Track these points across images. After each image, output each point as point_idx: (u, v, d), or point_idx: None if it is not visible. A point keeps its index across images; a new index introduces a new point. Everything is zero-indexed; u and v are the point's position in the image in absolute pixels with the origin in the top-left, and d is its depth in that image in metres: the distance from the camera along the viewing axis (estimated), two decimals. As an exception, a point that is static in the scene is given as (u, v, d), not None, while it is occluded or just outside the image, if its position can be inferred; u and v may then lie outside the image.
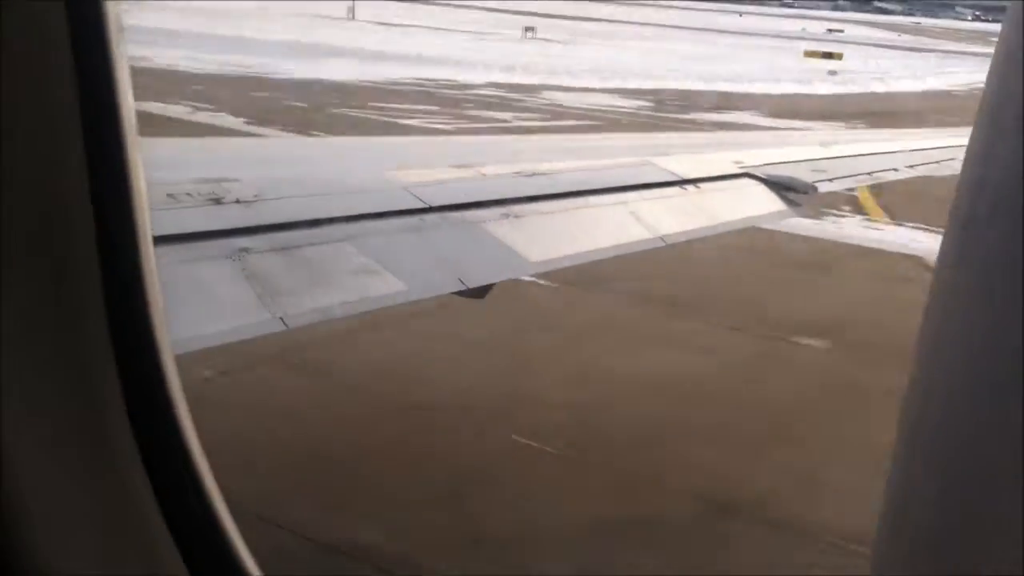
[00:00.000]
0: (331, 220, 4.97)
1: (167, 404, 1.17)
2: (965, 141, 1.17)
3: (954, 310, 1.17)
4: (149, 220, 1.15)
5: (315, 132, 23.13)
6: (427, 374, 10.13)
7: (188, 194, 4.72)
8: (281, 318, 4.02)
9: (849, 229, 17.01)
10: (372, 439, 8.65)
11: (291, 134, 23.38)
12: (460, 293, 5.01)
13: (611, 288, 12.58)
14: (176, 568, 1.18)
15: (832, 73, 56.75)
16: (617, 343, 11.46)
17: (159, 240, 4.13)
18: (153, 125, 20.24)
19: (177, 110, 26.28)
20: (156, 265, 1.17)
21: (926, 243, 15.81)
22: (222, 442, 6.65)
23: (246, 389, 9.37)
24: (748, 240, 13.09)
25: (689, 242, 7.01)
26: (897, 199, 18.07)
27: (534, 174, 6.64)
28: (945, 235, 1.21)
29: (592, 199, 6.60)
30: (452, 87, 37.88)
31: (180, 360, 1.21)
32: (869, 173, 8.88)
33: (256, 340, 3.99)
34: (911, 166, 9.22)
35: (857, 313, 13.03)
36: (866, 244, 16.37)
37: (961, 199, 1.18)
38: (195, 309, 3.77)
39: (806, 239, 15.38)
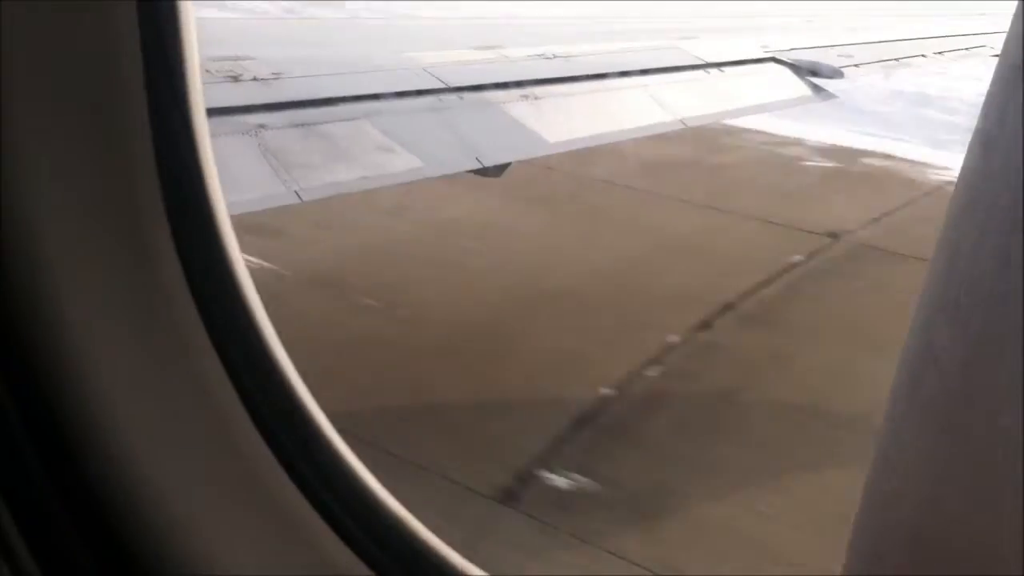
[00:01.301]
0: (349, 98, 4.97)
1: (228, 275, 1.18)
2: (996, 28, 1.17)
3: (977, 217, 1.19)
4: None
5: None
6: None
7: (207, 71, 4.73)
8: (296, 192, 4.07)
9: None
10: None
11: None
12: (477, 172, 5.03)
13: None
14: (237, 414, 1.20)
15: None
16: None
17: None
18: None
19: None
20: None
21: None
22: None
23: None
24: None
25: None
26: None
27: (556, 56, 6.58)
28: (971, 141, 1.22)
29: (614, 82, 6.55)
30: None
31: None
32: (897, 59, 8.74)
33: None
34: (940, 52, 9.06)
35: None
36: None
37: (990, 101, 1.19)
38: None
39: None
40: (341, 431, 1.28)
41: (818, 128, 14.50)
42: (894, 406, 1.40)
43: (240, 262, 1.19)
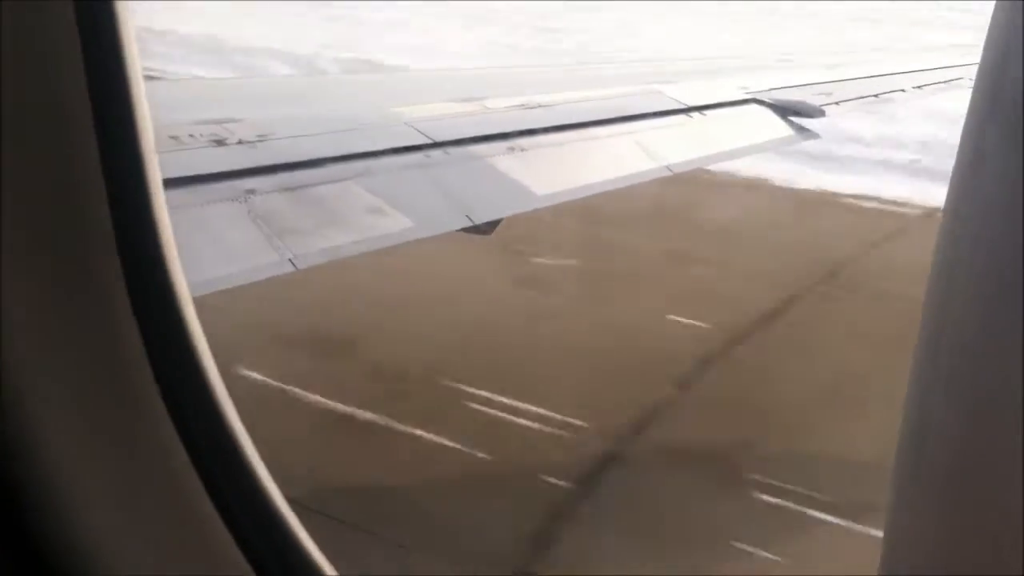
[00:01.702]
0: (336, 159, 4.95)
1: (190, 354, 1.16)
2: (973, 60, 1.15)
3: (969, 229, 1.15)
4: (159, 172, 1.14)
5: None
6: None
7: (191, 136, 4.70)
8: (290, 259, 4.02)
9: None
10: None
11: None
12: (467, 230, 5.00)
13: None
14: (201, 500, 1.17)
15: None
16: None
17: (164, 184, 4.13)
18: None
19: None
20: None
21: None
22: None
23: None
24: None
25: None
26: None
27: (539, 106, 6.58)
28: (959, 153, 1.19)
29: (598, 130, 6.55)
30: None
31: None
32: (876, 95, 8.79)
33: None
34: (919, 87, 9.12)
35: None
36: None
37: (973, 115, 1.16)
38: (202, 252, 3.77)
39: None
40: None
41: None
42: (897, 487, 1.36)
43: (202, 339, 1.18)
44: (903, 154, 16.33)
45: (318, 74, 20.95)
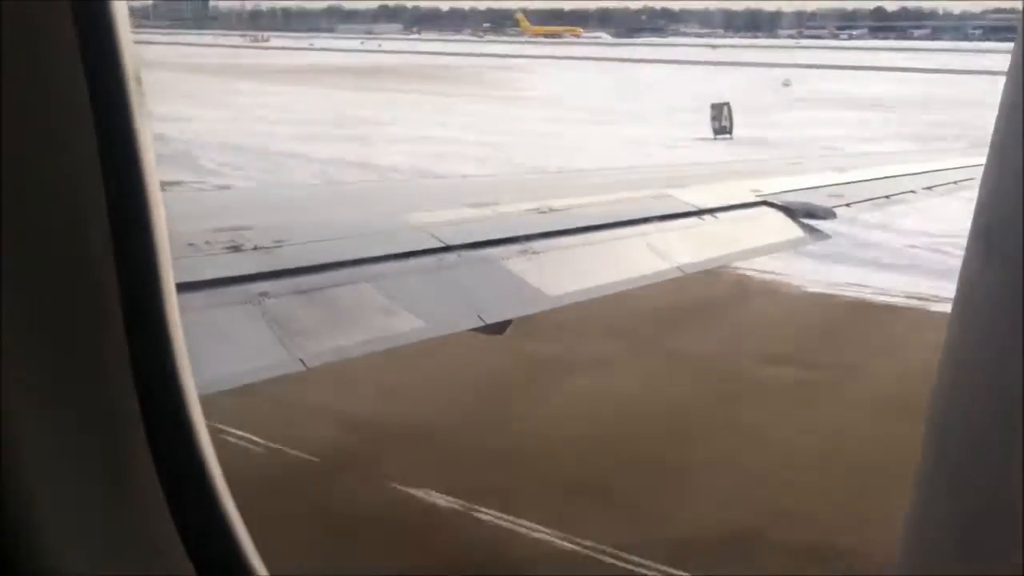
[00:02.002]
0: (350, 262, 5.00)
1: (182, 413, 1.18)
2: (983, 161, 1.18)
3: (978, 318, 1.17)
4: (167, 241, 1.17)
5: None
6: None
7: (208, 243, 4.78)
8: (300, 359, 4.05)
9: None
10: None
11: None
12: (479, 329, 5.01)
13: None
14: (185, 570, 1.18)
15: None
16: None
17: (181, 287, 4.18)
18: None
19: None
20: (179, 312, 1.19)
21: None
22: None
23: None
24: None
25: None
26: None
27: (551, 210, 6.64)
28: (968, 244, 1.22)
29: (610, 232, 6.58)
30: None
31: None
32: (887, 196, 8.82)
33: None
34: (929, 187, 9.16)
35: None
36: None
37: (981, 207, 1.19)
38: (217, 352, 3.81)
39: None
40: None
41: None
42: (900, 565, 1.36)
43: (204, 431, 1.20)
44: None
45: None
